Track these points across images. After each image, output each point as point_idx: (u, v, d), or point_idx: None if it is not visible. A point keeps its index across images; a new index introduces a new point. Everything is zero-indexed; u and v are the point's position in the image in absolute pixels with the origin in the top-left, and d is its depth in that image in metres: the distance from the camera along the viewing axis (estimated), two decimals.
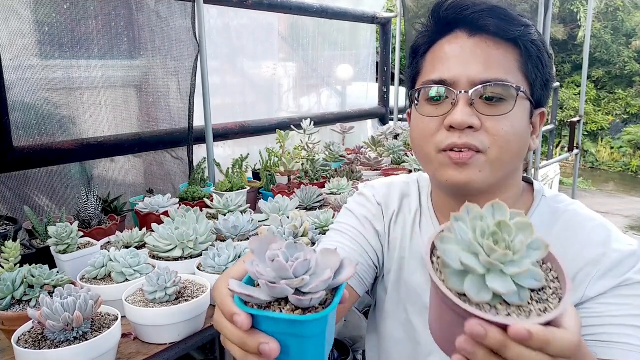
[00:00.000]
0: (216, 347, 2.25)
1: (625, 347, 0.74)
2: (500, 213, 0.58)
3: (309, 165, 2.46)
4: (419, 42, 0.90)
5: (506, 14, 0.82)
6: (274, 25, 3.17)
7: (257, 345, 0.53)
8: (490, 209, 0.58)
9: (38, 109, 1.96)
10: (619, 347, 0.74)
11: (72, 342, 1.00)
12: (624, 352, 0.74)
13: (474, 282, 0.54)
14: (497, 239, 0.55)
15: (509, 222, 0.55)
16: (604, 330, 0.76)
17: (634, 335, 0.75)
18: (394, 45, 4.05)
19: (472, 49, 0.81)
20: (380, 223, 1.02)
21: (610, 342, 0.75)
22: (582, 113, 4.00)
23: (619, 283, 0.78)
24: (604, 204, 8.46)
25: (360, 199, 1.07)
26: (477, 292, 0.53)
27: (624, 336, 0.75)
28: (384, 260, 1.02)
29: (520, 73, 0.82)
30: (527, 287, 0.54)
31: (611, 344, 0.75)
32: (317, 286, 0.54)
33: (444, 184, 0.84)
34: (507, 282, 0.53)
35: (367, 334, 1.13)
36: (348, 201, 1.10)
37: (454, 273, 0.55)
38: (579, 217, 0.88)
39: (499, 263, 0.53)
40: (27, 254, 1.49)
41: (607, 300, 0.78)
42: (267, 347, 0.53)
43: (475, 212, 0.58)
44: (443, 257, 0.56)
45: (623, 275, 0.78)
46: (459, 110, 0.79)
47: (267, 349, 0.53)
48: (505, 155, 0.81)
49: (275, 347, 0.53)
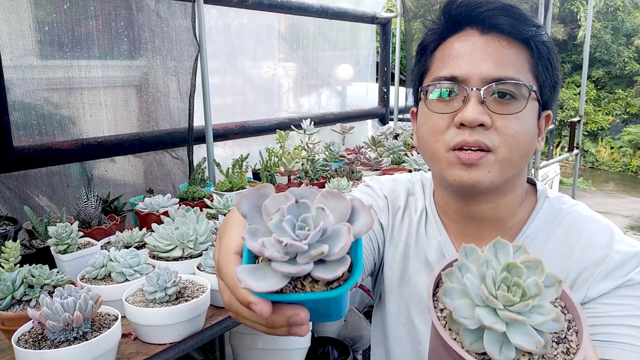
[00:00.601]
0: (216, 347, 2.25)
1: (627, 347, 0.74)
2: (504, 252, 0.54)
3: (309, 165, 2.46)
4: (427, 39, 0.89)
5: (520, 14, 0.81)
6: (274, 25, 3.17)
7: (287, 319, 0.49)
8: (492, 249, 0.54)
9: (38, 109, 1.96)
10: (620, 347, 0.74)
11: (72, 342, 1.00)
12: (625, 352, 0.74)
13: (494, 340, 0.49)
14: (509, 285, 0.51)
15: (517, 262, 0.51)
16: (605, 330, 0.76)
17: (636, 335, 0.75)
18: (394, 45, 4.05)
19: (483, 47, 0.81)
20: (385, 216, 1.02)
21: (611, 342, 0.75)
22: (582, 113, 4.00)
23: (621, 283, 0.78)
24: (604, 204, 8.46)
25: (367, 189, 1.06)
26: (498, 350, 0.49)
27: (625, 336, 0.75)
28: (384, 253, 1.02)
29: (530, 73, 0.82)
30: (548, 331, 0.50)
31: (612, 344, 0.75)
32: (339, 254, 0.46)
33: (450, 184, 0.83)
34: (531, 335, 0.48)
35: (372, 330, 1.12)
36: (353, 191, 1.09)
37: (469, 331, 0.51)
38: (582, 219, 0.87)
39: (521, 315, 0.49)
40: (27, 254, 1.49)
41: (609, 301, 0.78)
42: (297, 317, 0.48)
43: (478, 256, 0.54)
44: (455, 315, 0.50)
45: (625, 275, 0.78)
46: (471, 107, 0.78)
47: (299, 319, 0.48)
48: (514, 155, 0.80)
49: (305, 315, 0.49)
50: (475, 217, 0.89)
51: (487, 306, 0.50)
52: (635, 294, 0.77)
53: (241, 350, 2.11)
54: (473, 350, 0.50)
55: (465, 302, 0.51)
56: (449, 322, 0.53)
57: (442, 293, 0.53)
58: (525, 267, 0.51)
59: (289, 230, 0.46)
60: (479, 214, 0.88)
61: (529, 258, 0.52)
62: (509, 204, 0.88)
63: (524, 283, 0.50)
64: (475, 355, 0.49)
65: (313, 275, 0.46)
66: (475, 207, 0.88)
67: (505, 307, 0.49)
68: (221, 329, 1.32)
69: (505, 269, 0.51)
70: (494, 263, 0.53)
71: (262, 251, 0.46)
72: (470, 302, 0.51)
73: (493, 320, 0.49)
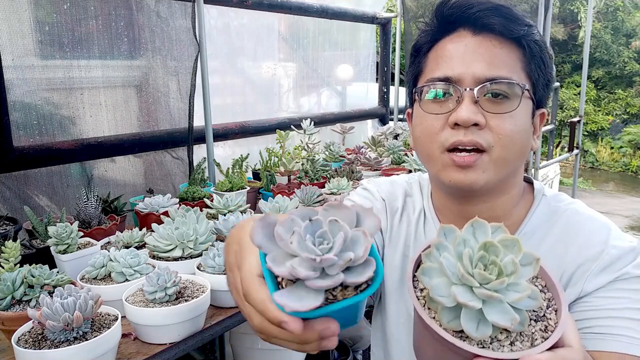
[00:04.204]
0: (216, 347, 2.25)
1: (624, 339, 0.74)
2: (482, 232, 0.54)
3: (309, 165, 2.46)
4: (421, 41, 0.89)
5: (511, 13, 0.82)
6: (274, 25, 3.17)
7: (318, 334, 0.49)
8: (470, 229, 0.54)
9: (38, 109, 1.96)
10: (617, 339, 0.74)
11: (72, 342, 1.00)
12: (622, 344, 0.74)
13: (471, 317, 0.49)
14: (486, 263, 0.51)
15: (494, 241, 0.51)
16: (601, 323, 0.77)
17: (632, 327, 0.75)
18: (394, 45, 4.05)
19: (476, 48, 0.81)
20: (384, 218, 1.02)
21: (608, 334, 0.75)
22: (582, 113, 4.00)
23: (617, 277, 0.78)
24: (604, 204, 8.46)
25: (364, 192, 1.07)
26: (475, 328, 0.49)
27: (622, 328, 0.75)
28: (383, 255, 1.02)
29: (523, 72, 0.82)
30: (526, 309, 0.51)
31: (608, 336, 0.75)
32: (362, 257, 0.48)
33: (447, 185, 0.84)
34: (507, 312, 0.49)
35: (372, 331, 1.12)
36: (351, 194, 1.09)
37: (446, 309, 0.51)
38: (579, 216, 0.88)
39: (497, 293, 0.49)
40: (27, 254, 1.49)
41: (605, 294, 0.78)
42: (328, 330, 0.49)
43: (456, 236, 0.54)
44: (432, 293, 0.51)
45: (621, 269, 0.79)
46: (465, 107, 0.79)
47: (329, 332, 0.49)
48: (509, 154, 0.81)
49: (335, 327, 0.49)
50: (472, 216, 0.89)
51: (463, 284, 0.50)
52: (631, 287, 0.78)
53: (241, 350, 2.11)
54: (451, 328, 0.50)
55: (442, 280, 0.52)
56: (428, 302, 0.53)
57: (420, 272, 0.53)
58: (502, 246, 0.51)
59: (313, 248, 0.48)
60: (475, 214, 0.88)
61: (506, 237, 0.52)
62: (505, 203, 0.88)
63: (500, 262, 0.50)
64: (453, 333, 0.50)
65: (346, 282, 0.48)
66: (472, 207, 0.88)
67: (481, 285, 0.49)
68: (221, 329, 1.32)
69: (482, 248, 0.51)
70: (471, 242, 0.53)
71: (293, 273, 0.47)
72: (447, 281, 0.51)
73: (469, 298, 0.49)
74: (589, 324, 0.77)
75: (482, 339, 0.49)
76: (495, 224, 0.54)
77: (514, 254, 0.51)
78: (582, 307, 0.79)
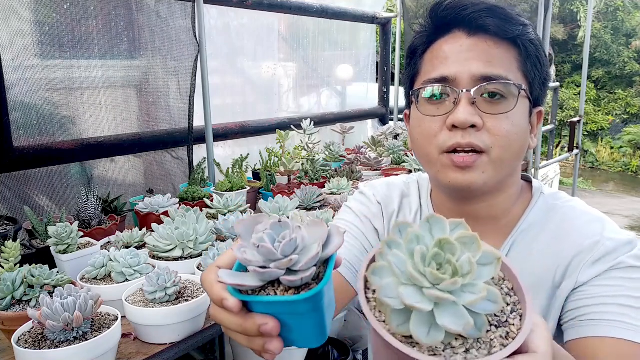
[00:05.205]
0: (216, 347, 2.25)
1: (616, 324, 0.74)
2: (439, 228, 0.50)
3: (309, 165, 2.46)
4: (416, 43, 0.90)
5: (505, 14, 0.82)
6: (274, 25, 3.17)
7: (257, 327, 0.52)
8: (426, 226, 0.50)
9: (38, 109, 1.96)
10: (610, 324, 0.75)
11: (72, 342, 1.00)
12: (615, 330, 0.74)
13: (421, 321, 0.45)
14: (441, 262, 0.46)
15: (450, 238, 0.47)
16: (595, 310, 0.77)
17: (626, 313, 0.75)
18: (394, 45, 4.05)
19: (471, 48, 0.82)
20: (380, 222, 1.03)
21: (602, 320, 0.75)
22: (582, 113, 4.00)
23: (612, 266, 0.79)
24: (604, 204, 8.46)
25: (360, 197, 1.08)
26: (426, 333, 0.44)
27: (615, 314, 0.75)
28: None
29: (519, 72, 0.83)
30: (484, 312, 0.46)
31: (602, 322, 0.75)
32: (306, 264, 0.51)
33: (446, 186, 0.84)
34: (460, 315, 0.44)
35: (370, 334, 1.13)
36: (348, 199, 1.10)
37: (396, 312, 0.46)
38: (575, 213, 0.88)
39: (449, 294, 0.44)
40: (27, 254, 1.49)
41: (600, 283, 0.79)
42: (267, 327, 0.52)
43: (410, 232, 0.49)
44: (380, 295, 0.46)
45: (616, 259, 0.79)
46: (462, 108, 0.79)
47: (268, 328, 0.52)
48: (507, 154, 0.81)
49: (274, 325, 0.52)
50: (470, 216, 0.89)
51: (413, 284, 0.46)
52: (626, 275, 0.78)
53: (241, 350, 2.11)
54: (400, 333, 0.46)
55: (391, 281, 0.47)
56: (378, 304, 0.49)
57: (370, 272, 0.50)
58: (459, 244, 0.47)
59: (266, 240, 0.52)
60: (474, 213, 0.89)
61: (465, 234, 0.48)
62: (503, 202, 0.89)
63: (456, 261, 0.46)
64: (402, 339, 0.45)
65: (282, 279, 0.52)
66: (470, 207, 0.88)
67: (433, 285, 0.45)
68: (221, 329, 1.31)
69: (437, 245, 0.47)
70: (426, 239, 0.49)
71: (241, 255, 0.53)
72: (396, 281, 0.47)
73: (417, 300, 0.44)
74: (583, 311, 0.78)
75: (434, 346, 0.45)
76: (456, 221, 0.50)
77: (473, 252, 0.47)
78: (577, 296, 0.80)
